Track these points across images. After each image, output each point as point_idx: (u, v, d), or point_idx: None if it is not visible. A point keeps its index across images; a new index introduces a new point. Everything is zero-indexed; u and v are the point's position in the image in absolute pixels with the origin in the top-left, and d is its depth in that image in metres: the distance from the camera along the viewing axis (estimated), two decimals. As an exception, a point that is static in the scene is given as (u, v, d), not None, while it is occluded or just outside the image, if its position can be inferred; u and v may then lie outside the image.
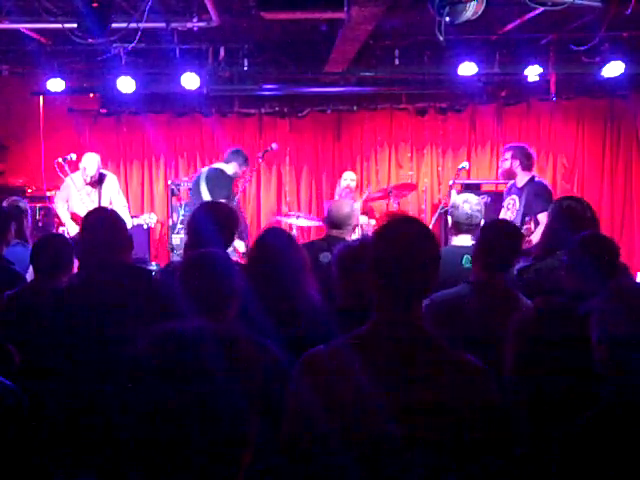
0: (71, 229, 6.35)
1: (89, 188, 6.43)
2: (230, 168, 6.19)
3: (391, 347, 1.67)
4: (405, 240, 1.71)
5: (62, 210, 6.47)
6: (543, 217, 4.93)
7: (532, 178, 5.42)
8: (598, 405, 1.65)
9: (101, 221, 3.02)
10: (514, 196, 5.46)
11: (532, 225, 5.05)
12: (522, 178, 5.41)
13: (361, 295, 2.28)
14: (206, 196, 5.99)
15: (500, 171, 5.69)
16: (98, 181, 6.43)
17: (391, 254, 1.70)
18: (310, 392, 1.69)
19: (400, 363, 1.65)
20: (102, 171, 6.54)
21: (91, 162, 6.37)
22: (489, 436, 1.63)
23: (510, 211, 5.47)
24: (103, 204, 6.31)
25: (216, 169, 6.21)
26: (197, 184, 6.15)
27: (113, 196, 6.51)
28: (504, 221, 3.60)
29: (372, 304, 1.76)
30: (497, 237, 2.94)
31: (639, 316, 1.71)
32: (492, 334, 2.59)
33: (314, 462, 1.64)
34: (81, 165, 6.41)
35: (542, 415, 2.28)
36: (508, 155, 5.50)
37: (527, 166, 5.45)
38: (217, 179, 6.07)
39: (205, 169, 6.34)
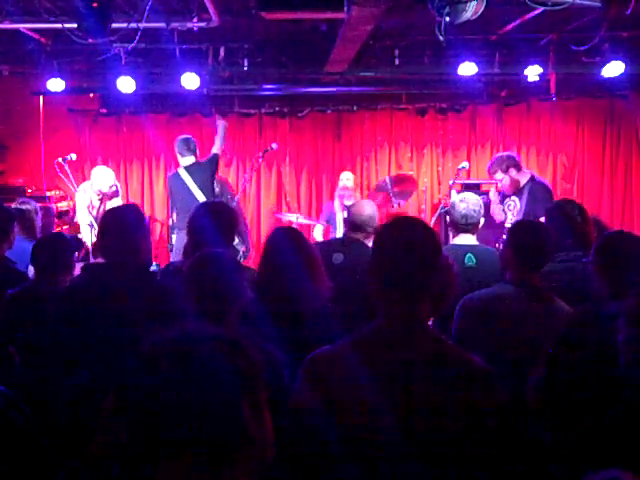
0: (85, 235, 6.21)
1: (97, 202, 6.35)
2: (193, 157, 6.19)
3: (396, 348, 1.67)
4: (405, 241, 1.71)
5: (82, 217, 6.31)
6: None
7: (532, 178, 5.43)
8: (619, 406, 1.64)
9: (121, 220, 2.91)
10: (514, 197, 5.45)
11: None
12: (522, 179, 5.42)
13: None
14: (196, 191, 5.96)
15: (505, 191, 5.59)
16: (112, 196, 6.32)
17: (391, 255, 1.70)
18: (314, 393, 1.68)
19: (404, 364, 1.64)
20: (116, 183, 6.45)
21: (105, 178, 6.21)
22: (493, 439, 1.61)
23: (511, 212, 5.46)
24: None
25: (192, 164, 6.19)
26: (183, 184, 6.10)
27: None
28: (533, 222, 3.58)
29: (375, 305, 1.75)
30: (529, 237, 2.96)
31: None
32: (530, 334, 2.65)
33: (317, 463, 1.64)
34: (94, 181, 6.24)
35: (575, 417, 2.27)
36: (500, 175, 5.43)
37: (519, 166, 5.45)
38: (199, 170, 6.08)
39: (180, 169, 6.26)
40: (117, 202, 6.40)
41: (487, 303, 2.85)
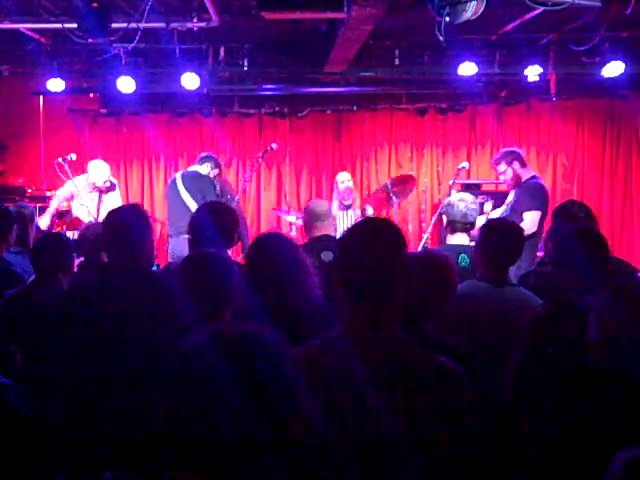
0: (42, 222, 6.20)
1: (93, 194, 6.37)
2: (203, 168, 6.23)
3: (362, 351, 1.66)
4: (367, 243, 1.70)
5: (54, 205, 6.43)
6: (527, 215, 5.04)
7: (533, 177, 5.45)
8: (589, 401, 1.64)
9: (125, 220, 2.87)
10: (514, 192, 5.51)
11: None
12: (525, 175, 5.44)
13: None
14: (187, 198, 6.00)
15: (507, 185, 5.62)
16: (107, 190, 6.37)
17: (353, 256, 1.70)
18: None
19: (371, 367, 1.64)
20: (112, 179, 6.50)
21: (100, 172, 6.30)
22: (461, 438, 1.62)
23: (506, 204, 5.52)
24: (102, 211, 6.24)
25: (191, 171, 6.27)
26: (175, 188, 6.16)
27: (114, 204, 6.46)
28: (504, 220, 3.68)
29: (341, 308, 1.74)
30: (501, 237, 3.04)
31: (638, 316, 1.70)
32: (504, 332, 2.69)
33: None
34: (90, 174, 6.33)
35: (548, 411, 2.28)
36: (503, 167, 5.41)
37: (523, 162, 5.47)
38: (194, 180, 6.10)
39: (179, 173, 6.38)
40: (114, 196, 6.48)
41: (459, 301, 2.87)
